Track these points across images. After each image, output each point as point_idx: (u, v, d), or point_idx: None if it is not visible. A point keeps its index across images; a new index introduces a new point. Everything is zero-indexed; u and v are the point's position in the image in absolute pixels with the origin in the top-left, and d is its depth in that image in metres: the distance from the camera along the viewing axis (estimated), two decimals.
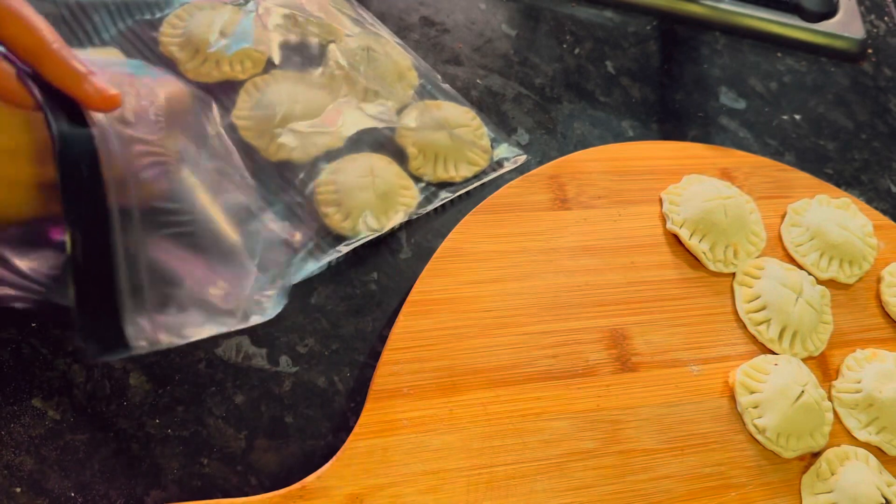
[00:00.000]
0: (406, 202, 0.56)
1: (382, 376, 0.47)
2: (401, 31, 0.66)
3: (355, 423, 0.45)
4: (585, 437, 0.48)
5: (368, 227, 0.54)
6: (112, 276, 0.38)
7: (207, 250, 0.45)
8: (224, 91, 0.57)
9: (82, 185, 0.37)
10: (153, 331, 0.40)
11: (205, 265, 0.44)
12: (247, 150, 0.55)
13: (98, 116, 0.39)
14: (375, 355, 0.49)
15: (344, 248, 0.53)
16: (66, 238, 0.37)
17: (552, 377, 0.50)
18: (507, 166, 0.61)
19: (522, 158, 0.62)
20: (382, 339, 0.50)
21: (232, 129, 0.55)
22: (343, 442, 0.45)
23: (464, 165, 0.59)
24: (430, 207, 0.57)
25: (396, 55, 0.62)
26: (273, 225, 0.52)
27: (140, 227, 0.39)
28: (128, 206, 0.39)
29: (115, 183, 0.38)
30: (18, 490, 0.42)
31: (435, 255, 0.52)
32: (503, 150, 0.62)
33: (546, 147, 0.64)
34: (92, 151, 0.38)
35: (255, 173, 0.54)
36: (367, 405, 0.46)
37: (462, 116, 0.61)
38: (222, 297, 0.44)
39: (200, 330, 0.42)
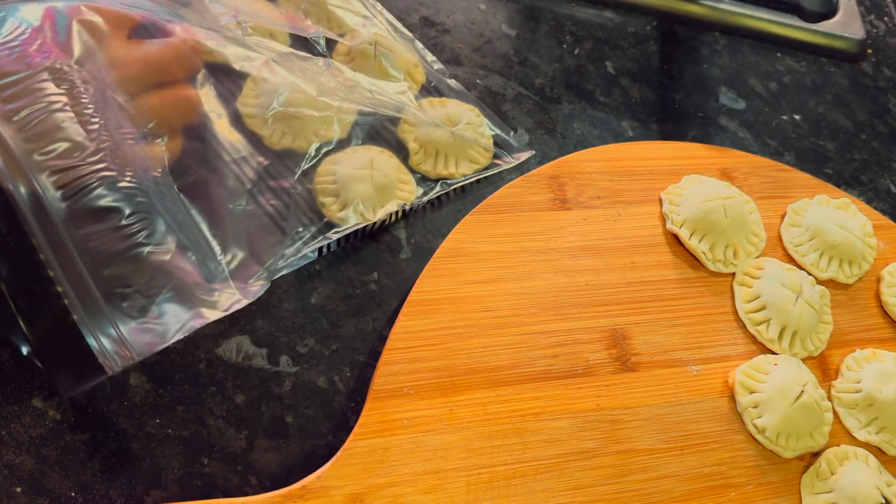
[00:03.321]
0: (403, 196, 0.56)
1: (382, 376, 0.47)
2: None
3: (355, 423, 0.45)
4: (585, 437, 0.48)
5: (360, 215, 0.54)
6: (62, 307, 0.36)
7: (177, 243, 0.43)
8: (228, 76, 0.57)
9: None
10: (128, 343, 0.39)
11: (176, 258, 0.43)
12: (250, 138, 0.55)
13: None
14: (375, 355, 0.49)
15: (334, 236, 0.53)
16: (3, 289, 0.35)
17: (552, 377, 0.50)
18: (512, 162, 0.61)
19: (526, 155, 0.62)
20: (382, 339, 0.50)
21: (236, 117, 0.55)
22: (343, 442, 0.45)
23: (464, 163, 0.59)
24: (425, 199, 0.57)
25: (404, 51, 0.62)
26: (269, 212, 0.52)
27: (75, 242, 0.38)
28: (56, 234, 0.37)
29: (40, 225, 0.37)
30: (19, 490, 0.42)
31: (435, 255, 0.53)
32: (508, 147, 0.62)
33: (546, 147, 0.64)
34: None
35: (257, 161, 0.54)
36: (367, 405, 0.46)
37: (466, 114, 0.61)
38: (200, 286, 0.43)
39: (181, 327, 0.42)
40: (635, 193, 0.59)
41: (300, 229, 0.52)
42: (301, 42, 0.60)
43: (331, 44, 0.61)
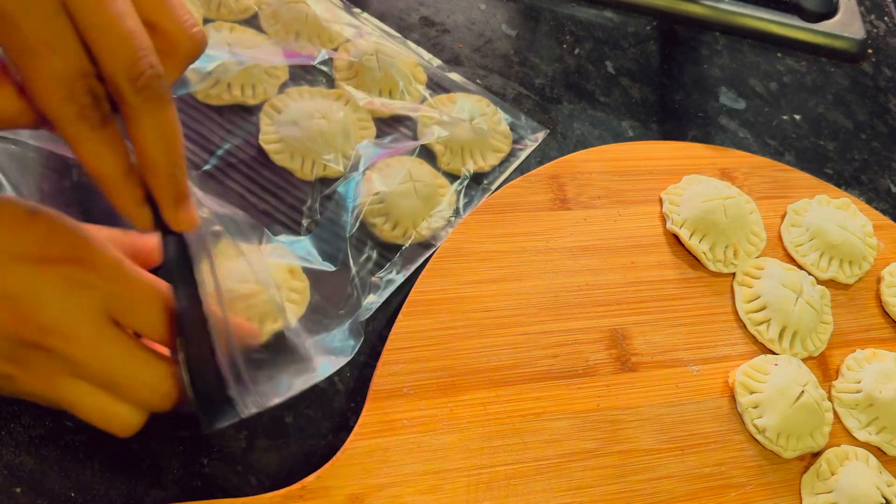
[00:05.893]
0: (445, 202, 0.56)
1: (382, 376, 0.47)
2: (401, 31, 0.66)
3: (355, 423, 0.45)
4: (585, 437, 0.48)
5: (423, 237, 0.55)
6: (213, 352, 0.39)
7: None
8: (236, 114, 0.57)
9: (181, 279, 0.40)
10: (252, 395, 0.42)
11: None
12: (281, 174, 0.55)
13: None
14: (375, 355, 0.49)
15: (406, 273, 0.53)
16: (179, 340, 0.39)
17: (552, 377, 0.50)
18: (532, 145, 0.62)
19: (542, 134, 0.62)
20: (382, 339, 0.50)
21: (262, 154, 0.55)
22: (343, 442, 0.45)
23: (489, 154, 0.60)
24: (472, 209, 0.57)
25: (402, 54, 0.62)
26: (325, 244, 0.52)
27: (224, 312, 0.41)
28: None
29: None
30: (18, 490, 0.42)
31: (435, 255, 0.53)
32: (523, 130, 0.62)
33: (546, 147, 0.64)
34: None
35: (294, 196, 0.54)
36: (367, 405, 0.46)
37: (477, 105, 0.61)
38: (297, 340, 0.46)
39: (290, 388, 0.44)
40: (635, 193, 0.59)
41: (367, 264, 0.53)
42: (302, 68, 0.60)
43: (328, 60, 0.61)
